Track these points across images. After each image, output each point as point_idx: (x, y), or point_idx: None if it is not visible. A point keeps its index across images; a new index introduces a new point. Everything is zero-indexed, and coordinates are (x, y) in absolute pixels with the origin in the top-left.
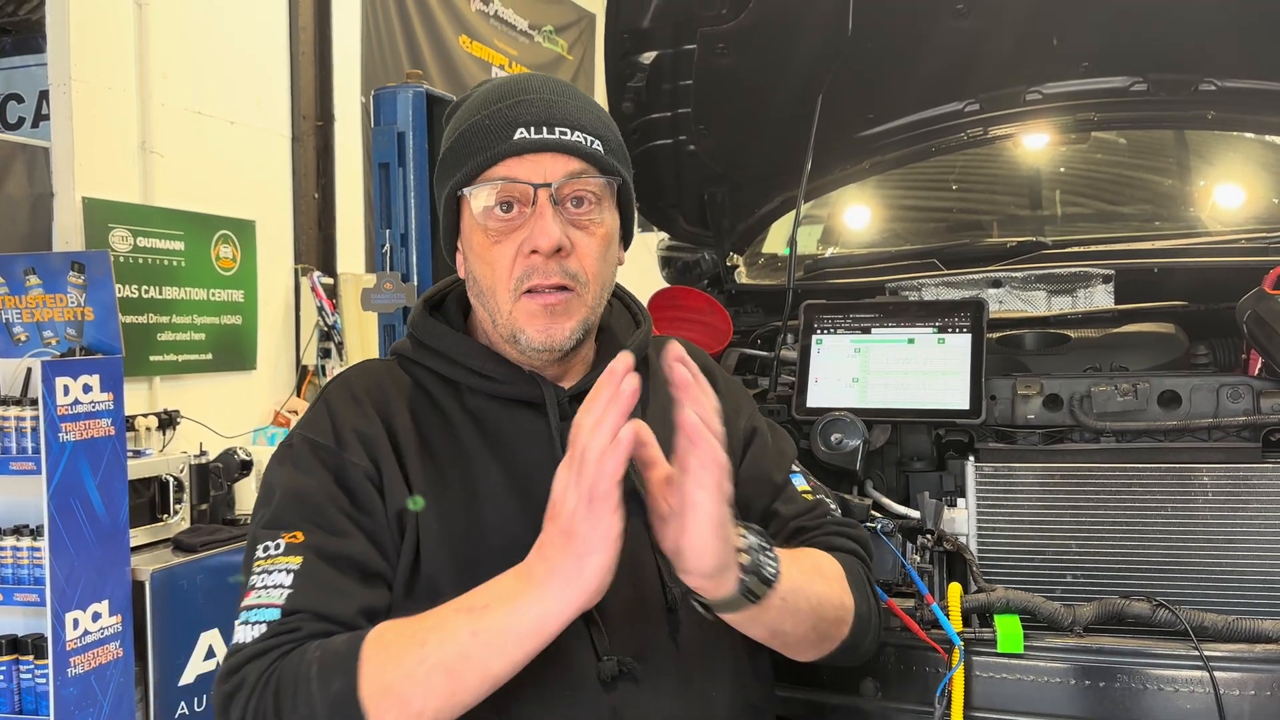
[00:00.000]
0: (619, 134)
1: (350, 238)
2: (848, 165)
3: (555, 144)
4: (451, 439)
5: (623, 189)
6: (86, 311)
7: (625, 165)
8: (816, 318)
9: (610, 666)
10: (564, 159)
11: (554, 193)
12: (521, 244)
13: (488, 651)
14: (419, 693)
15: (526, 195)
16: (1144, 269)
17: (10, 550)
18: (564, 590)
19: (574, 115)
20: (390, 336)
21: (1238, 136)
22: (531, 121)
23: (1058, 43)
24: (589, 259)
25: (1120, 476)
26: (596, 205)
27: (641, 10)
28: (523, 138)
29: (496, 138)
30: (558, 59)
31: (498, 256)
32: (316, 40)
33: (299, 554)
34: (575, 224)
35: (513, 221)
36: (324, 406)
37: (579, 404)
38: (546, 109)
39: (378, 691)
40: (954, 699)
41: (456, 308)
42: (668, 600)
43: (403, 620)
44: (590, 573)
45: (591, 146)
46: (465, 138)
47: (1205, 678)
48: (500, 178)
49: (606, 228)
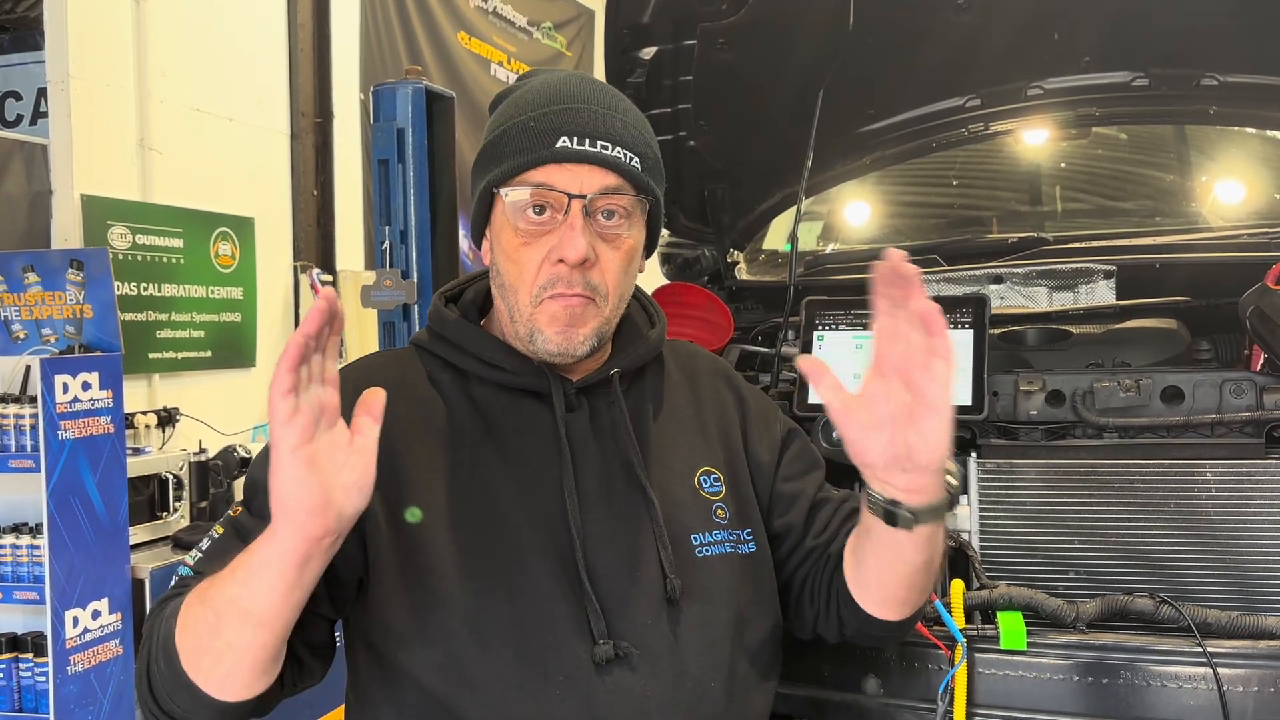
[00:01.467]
0: (658, 149)
1: (349, 234)
2: (848, 161)
3: (596, 157)
4: (452, 427)
5: (653, 205)
6: (85, 309)
7: (660, 182)
8: (818, 314)
9: (605, 650)
10: (601, 172)
11: (587, 205)
12: (550, 251)
13: (242, 585)
14: (200, 633)
15: (560, 203)
16: (1146, 264)
17: (10, 548)
18: (285, 532)
19: (618, 130)
20: (390, 333)
21: (1239, 131)
22: (575, 131)
23: (1059, 37)
24: (611, 272)
25: (1123, 472)
26: (626, 220)
27: (642, 6)
28: (565, 147)
29: (539, 142)
30: (556, 55)
31: (525, 258)
32: (315, 37)
33: (224, 526)
34: (603, 236)
35: (544, 225)
36: None
37: (585, 397)
38: (592, 120)
39: (183, 627)
40: (957, 696)
41: (473, 302)
42: (667, 591)
43: None
44: (302, 515)
45: (630, 164)
46: (509, 135)
47: (1209, 674)
48: (537, 182)
49: (633, 241)
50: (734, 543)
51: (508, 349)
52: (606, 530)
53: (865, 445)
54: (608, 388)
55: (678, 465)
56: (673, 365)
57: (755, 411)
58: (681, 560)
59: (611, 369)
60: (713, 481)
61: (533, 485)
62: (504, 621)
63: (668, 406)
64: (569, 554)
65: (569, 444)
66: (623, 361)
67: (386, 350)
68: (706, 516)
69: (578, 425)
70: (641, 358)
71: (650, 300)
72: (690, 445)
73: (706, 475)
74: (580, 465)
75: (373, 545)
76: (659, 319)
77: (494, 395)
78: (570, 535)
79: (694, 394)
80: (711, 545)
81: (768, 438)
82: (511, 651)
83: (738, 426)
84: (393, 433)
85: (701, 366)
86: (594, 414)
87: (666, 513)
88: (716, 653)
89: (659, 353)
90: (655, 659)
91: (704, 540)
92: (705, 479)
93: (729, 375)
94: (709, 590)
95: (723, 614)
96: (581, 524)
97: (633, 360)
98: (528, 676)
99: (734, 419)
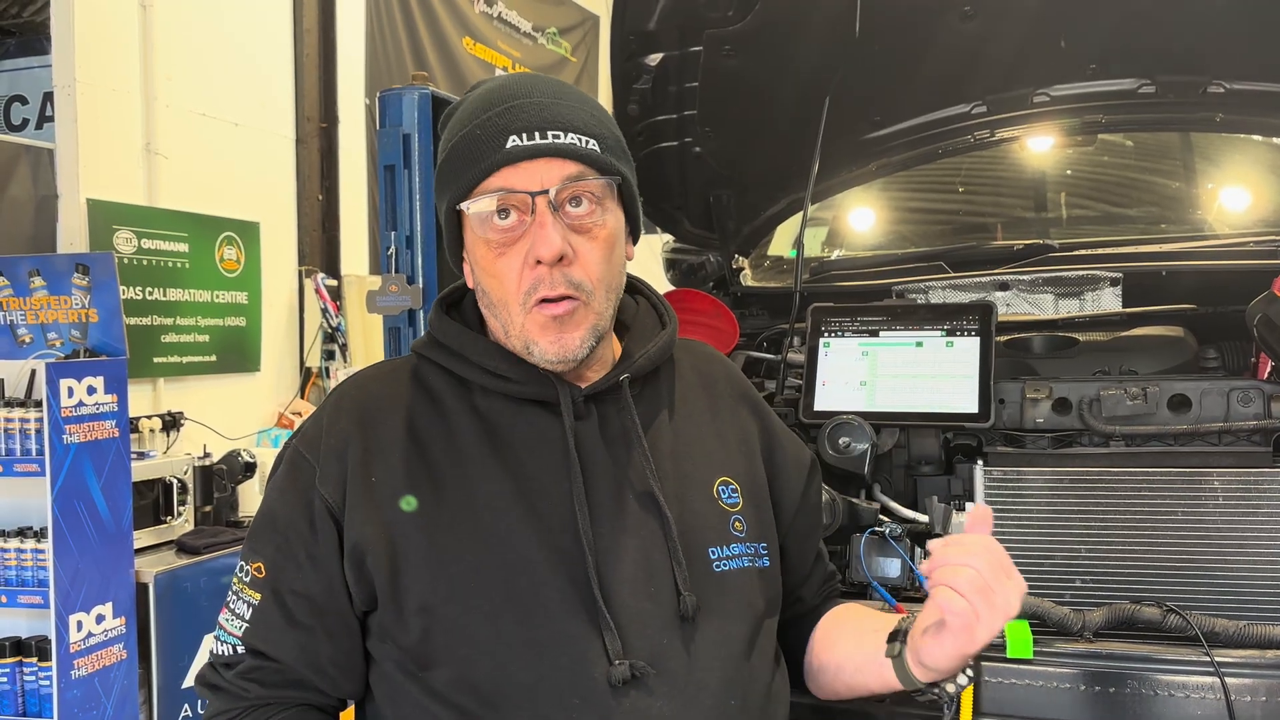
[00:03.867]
0: (616, 129)
1: (354, 239)
2: (854, 167)
3: (549, 149)
4: (451, 445)
5: (624, 186)
6: (91, 313)
7: (625, 161)
8: (824, 320)
9: (622, 671)
10: (559, 163)
11: (552, 199)
12: (526, 254)
13: None
14: None
15: (525, 204)
16: (1152, 272)
17: (14, 552)
18: None
19: (566, 116)
20: (395, 339)
21: (1245, 139)
22: (523, 128)
23: (1065, 44)
24: (592, 265)
25: (1130, 481)
26: (598, 205)
27: (648, 12)
28: (515, 145)
29: (489, 148)
30: (561, 61)
31: (504, 269)
32: (321, 42)
33: (259, 590)
34: (577, 228)
35: (513, 231)
36: (320, 415)
37: (594, 404)
38: (538, 113)
39: None
40: (963, 704)
41: (473, 307)
42: (681, 608)
43: None
44: None
45: (587, 147)
46: (458, 150)
47: (1216, 683)
48: (497, 189)
49: (609, 228)
50: (751, 556)
51: (512, 357)
52: (619, 544)
53: (929, 651)
54: (618, 394)
55: (696, 475)
56: (687, 367)
57: (778, 428)
58: (698, 575)
59: (621, 374)
60: (731, 492)
61: (541, 498)
62: (518, 642)
63: (683, 411)
64: (580, 570)
65: (578, 454)
66: (633, 366)
67: (385, 362)
68: (724, 529)
69: (587, 434)
70: (653, 360)
71: (661, 300)
72: (708, 453)
73: (725, 486)
74: (590, 476)
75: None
76: (670, 319)
77: (499, 405)
78: (582, 549)
79: (711, 398)
80: (729, 559)
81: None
82: (526, 673)
83: (757, 438)
84: (392, 453)
85: (718, 370)
86: (604, 422)
87: (682, 525)
88: (735, 670)
89: (671, 354)
90: (672, 678)
91: (722, 554)
92: (724, 489)
93: (746, 386)
94: (727, 606)
95: (741, 630)
96: (593, 538)
97: (644, 364)
98: (543, 699)
99: (753, 429)
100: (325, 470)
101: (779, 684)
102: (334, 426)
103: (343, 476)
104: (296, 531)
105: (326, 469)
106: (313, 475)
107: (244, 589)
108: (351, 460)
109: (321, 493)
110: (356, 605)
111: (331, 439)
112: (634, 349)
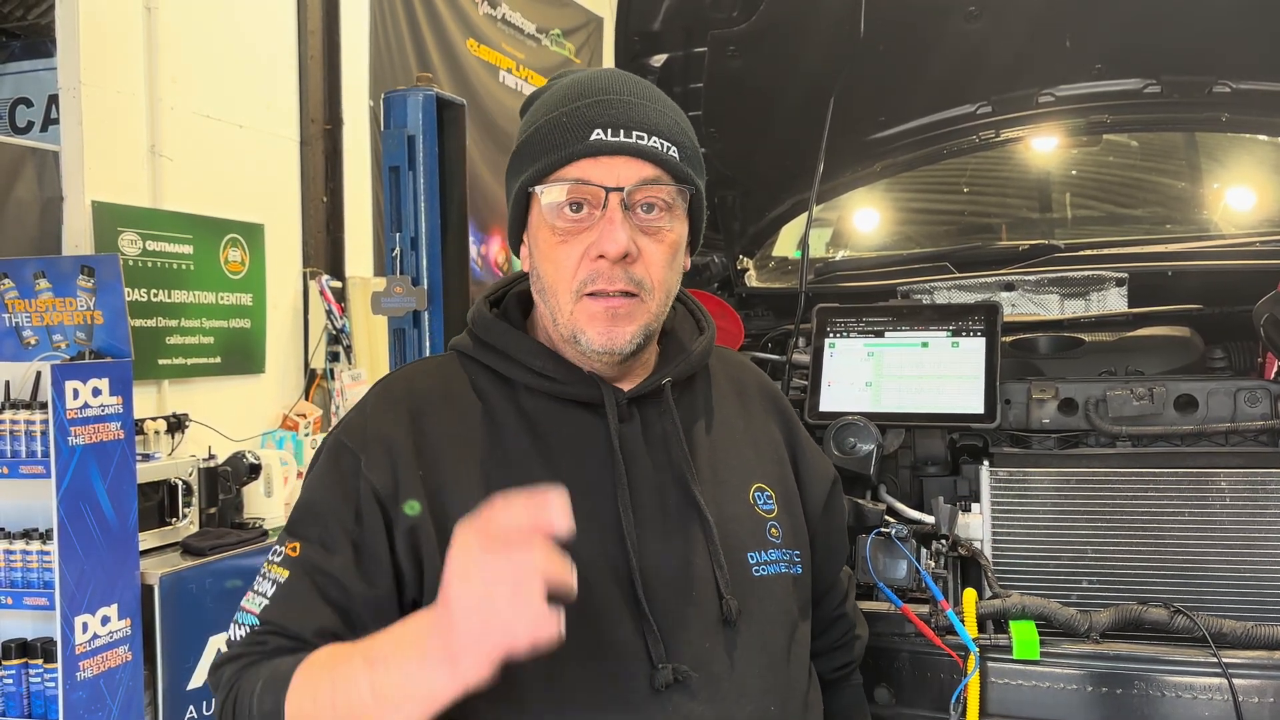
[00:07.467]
0: (695, 140)
1: (359, 241)
2: (859, 168)
3: (631, 148)
4: (496, 442)
5: (695, 196)
6: (96, 315)
7: (699, 172)
8: (829, 321)
9: (665, 675)
10: (638, 164)
11: (625, 198)
12: (589, 247)
13: (382, 709)
14: None
15: (598, 197)
16: (1158, 272)
17: (20, 554)
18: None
19: (653, 119)
20: (400, 340)
21: (1251, 138)
22: (609, 123)
23: (1070, 44)
24: (655, 266)
25: (1136, 481)
26: (667, 212)
27: (652, 13)
28: (599, 139)
29: (572, 137)
30: (565, 62)
31: (563, 257)
32: (325, 44)
33: (289, 568)
34: (644, 230)
35: (581, 222)
36: (364, 406)
37: (638, 407)
38: (625, 111)
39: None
40: (969, 706)
41: (516, 305)
42: (724, 612)
43: (333, 650)
44: (481, 662)
45: (667, 153)
46: (541, 133)
47: (1223, 685)
48: (572, 178)
49: (675, 235)
50: (787, 563)
51: (556, 357)
52: (661, 547)
53: None
54: (659, 398)
55: (733, 480)
56: (720, 375)
57: (805, 440)
58: (738, 580)
59: (662, 378)
60: (766, 499)
61: (584, 499)
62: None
63: (719, 417)
64: (624, 572)
65: (622, 456)
66: (674, 370)
67: (428, 358)
68: (761, 535)
69: (630, 437)
70: (694, 365)
71: (699, 306)
72: (743, 460)
73: (760, 492)
74: (634, 478)
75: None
76: (709, 325)
77: (543, 405)
78: (626, 552)
79: (743, 405)
80: (767, 565)
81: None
82: (572, 675)
83: (786, 449)
84: (440, 448)
85: (749, 377)
86: (646, 425)
87: (722, 529)
88: (775, 674)
89: (707, 362)
90: (715, 682)
91: (760, 559)
92: (759, 495)
93: (776, 394)
94: (767, 611)
95: (780, 635)
96: (636, 540)
97: (685, 369)
98: (588, 701)
99: (780, 439)
100: (372, 458)
101: (815, 696)
102: (381, 416)
103: (392, 466)
104: (338, 518)
105: (373, 457)
106: (357, 463)
107: (272, 568)
108: (402, 450)
109: (369, 478)
110: (408, 591)
111: (379, 428)
112: (674, 353)
